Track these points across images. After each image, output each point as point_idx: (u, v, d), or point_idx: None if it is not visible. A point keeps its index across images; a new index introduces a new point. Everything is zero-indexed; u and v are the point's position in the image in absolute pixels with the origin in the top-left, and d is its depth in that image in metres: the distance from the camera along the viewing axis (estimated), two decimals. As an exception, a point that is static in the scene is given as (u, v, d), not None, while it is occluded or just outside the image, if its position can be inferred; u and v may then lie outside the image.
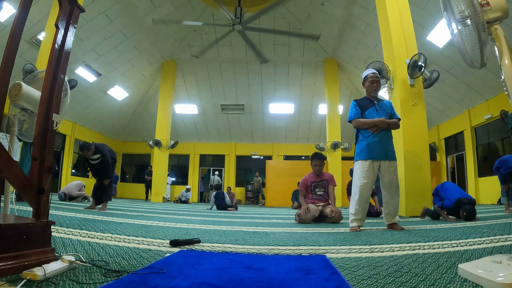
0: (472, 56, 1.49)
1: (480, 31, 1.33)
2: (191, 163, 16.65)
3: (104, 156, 5.00)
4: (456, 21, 1.48)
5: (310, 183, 4.21)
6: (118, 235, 2.09)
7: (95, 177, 5.23)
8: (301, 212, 3.78)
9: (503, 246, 1.80)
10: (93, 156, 4.96)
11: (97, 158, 4.99)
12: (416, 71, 5.31)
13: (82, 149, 4.95)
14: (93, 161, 5.00)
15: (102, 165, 5.02)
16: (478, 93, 9.79)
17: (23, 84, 1.73)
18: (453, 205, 3.78)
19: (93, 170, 5.19)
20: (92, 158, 4.96)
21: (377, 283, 1.05)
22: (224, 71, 13.72)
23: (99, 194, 5.09)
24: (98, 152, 4.99)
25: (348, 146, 12.34)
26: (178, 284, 1.01)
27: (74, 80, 7.15)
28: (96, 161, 4.99)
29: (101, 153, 5.00)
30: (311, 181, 4.21)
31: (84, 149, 4.91)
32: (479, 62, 1.42)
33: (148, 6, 10.16)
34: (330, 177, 4.23)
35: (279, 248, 1.79)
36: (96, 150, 4.97)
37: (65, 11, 1.32)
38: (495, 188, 9.04)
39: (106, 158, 5.02)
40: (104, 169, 5.02)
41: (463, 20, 1.43)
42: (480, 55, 1.38)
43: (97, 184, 5.12)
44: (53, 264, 1.06)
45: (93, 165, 5.06)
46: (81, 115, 13.48)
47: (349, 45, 11.76)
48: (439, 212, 3.99)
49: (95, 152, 4.97)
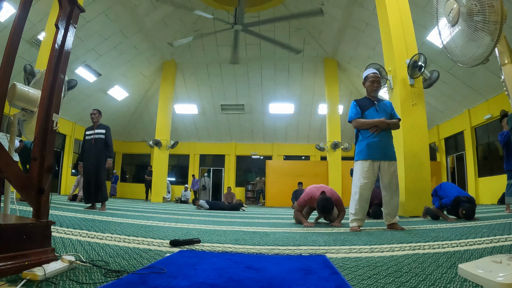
0: (468, 52, 1.49)
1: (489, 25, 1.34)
2: (191, 163, 16.65)
3: (108, 135, 4.95)
4: (462, 16, 1.47)
5: (309, 207, 3.77)
6: (118, 235, 2.09)
7: (88, 160, 4.87)
8: (306, 225, 3.44)
9: (503, 246, 1.80)
10: (97, 130, 4.93)
11: (100, 134, 4.92)
12: (416, 71, 5.31)
13: (95, 109, 5.05)
14: (93, 135, 4.89)
15: (104, 142, 4.88)
16: (478, 93, 9.79)
17: (17, 84, 1.73)
18: (452, 203, 3.77)
19: (89, 149, 4.88)
20: (95, 132, 4.90)
21: (377, 283, 1.05)
22: (224, 71, 13.72)
23: (95, 192, 4.80)
24: (104, 127, 4.98)
25: (348, 146, 12.35)
26: (178, 284, 1.01)
27: (74, 80, 7.14)
28: (97, 136, 4.89)
29: (106, 129, 4.97)
30: (312, 207, 3.71)
31: (96, 110, 5.03)
32: (482, 57, 1.42)
33: (148, 6, 10.16)
34: (338, 202, 3.54)
35: (279, 248, 1.79)
36: (102, 125, 5.00)
37: (65, 11, 1.32)
38: (495, 188, 9.06)
39: (110, 136, 4.98)
40: (105, 147, 4.87)
41: (469, 16, 1.42)
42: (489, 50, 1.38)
43: (88, 180, 4.85)
44: (53, 264, 1.06)
45: (92, 142, 4.86)
46: (81, 115, 13.47)
47: (349, 45, 11.75)
48: (438, 213, 3.98)
49: (99, 127, 4.97)
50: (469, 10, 1.43)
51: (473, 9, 1.41)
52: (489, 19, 1.35)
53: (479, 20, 1.38)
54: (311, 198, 3.48)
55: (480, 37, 1.39)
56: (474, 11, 1.41)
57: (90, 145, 4.93)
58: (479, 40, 1.40)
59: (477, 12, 1.40)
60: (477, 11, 1.39)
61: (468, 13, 1.43)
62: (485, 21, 1.36)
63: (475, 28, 1.41)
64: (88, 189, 4.87)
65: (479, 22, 1.38)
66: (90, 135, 4.97)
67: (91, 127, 5.07)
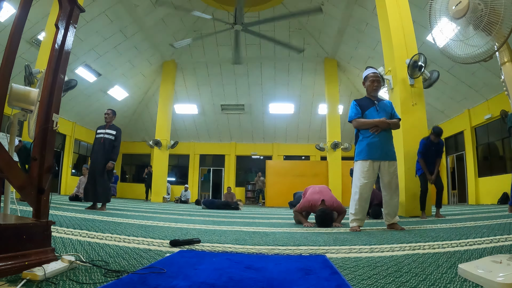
0: (470, 51, 1.49)
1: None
2: (191, 163, 16.65)
3: (117, 137, 5.02)
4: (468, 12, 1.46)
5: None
6: (118, 235, 2.09)
7: (95, 159, 4.94)
8: (306, 225, 3.46)
9: (503, 246, 1.80)
10: (108, 130, 4.99)
11: (110, 134, 4.98)
12: (416, 71, 5.31)
13: (110, 109, 5.17)
14: (103, 134, 4.95)
15: (112, 143, 4.96)
16: (478, 93, 9.79)
17: (13, 84, 1.73)
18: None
19: (98, 148, 4.93)
20: (105, 132, 4.96)
21: (377, 283, 1.05)
22: (224, 71, 13.72)
23: (96, 191, 4.80)
24: (115, 129, 5.03)
25: (348, 146, 12.34)
26: (178, 284, 1.01)
27: (74, 80, 7.14)
28: (106, 135, 4.95)
29: (117, 131, 5.03)
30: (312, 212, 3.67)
31: (110, 110, 5.13)
32: (486, 55, 1.41)
33: (148, 6, 10.16)
34: (338, 209, 3.53)
35: (279, 248, 1.79)
36: (113, 126, 5.05)
37: (65, 11, 1.32)
38: (495, 188, 9.05)
39: (119, 138, 5.05)
40: (111, 149, 4.94)
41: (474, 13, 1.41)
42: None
43: (92, 178, 4.88)
44: (53, 264, 1.06)
45: (101, 141, 4.93)
46: (81, 115, 13.48)
47: (349, 45, 11.75)
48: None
49: (111, 127, 5.02)
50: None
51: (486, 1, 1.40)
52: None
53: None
54: (311, 206, 3.49)
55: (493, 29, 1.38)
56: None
57: (99, 145, 4.96)
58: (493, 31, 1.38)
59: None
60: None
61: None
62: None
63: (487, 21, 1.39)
64: (92, 187, 4.85)
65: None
66: (100, 134, 5.00)
67: (103, 126, 5.10)
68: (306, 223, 3.40)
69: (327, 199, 3.44)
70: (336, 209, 3.49)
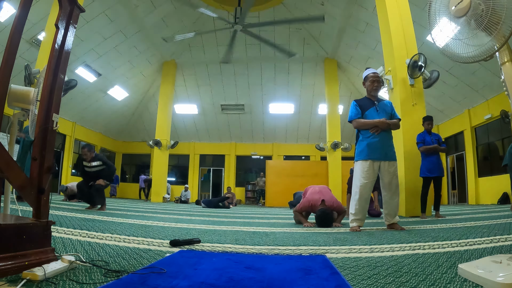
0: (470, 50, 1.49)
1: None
2: (191, 163, 16.65)
3: (106, 164, 4.94)
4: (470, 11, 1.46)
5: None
6: (118, 235, 2.09)
7: (88, 182, 4.97)
8: (306, 225, 3.47)
9: (503, 246, 1.80)
10: (91, 163, 4.88)
11: (96, 166, 4.89)
12: (416, 71, 5.31)
13: (84, 148, 4.94)
14: (89, 168, 4.90)
15: (102, 172, 4.91)
16: (478, 93, 9.79)
17: (11, 85, 1.73)
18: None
19: (88, 178, 4.94)
20: (88, 165, 4.89)
21: (377, 283, 1.05)
22: (224, 71, 13.72)
23: (95, 194, 4.84)
24: (98, 159, 4.92)
25: (348, 146, 12.34)
26: (178, 284, 1.01)
27: (74, 80, 7.14)
28: (94, 169, 4.89)
29: (101, 160, 4.93)
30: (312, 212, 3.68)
31: (85, 148, 4.89)
32: (486, 54, 1.41)
33: (148, 6, 10.16)
34: (338, 209, 3.54)
35: (279, 248, 1.79)
36: (96, 157, 4.92)
37: (65, 11, 1.32)
38: (495, 188, 9.05)
39: (108, 164, 4.97)
40: (104, 176, 4.92)
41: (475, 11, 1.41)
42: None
43: (85, 183, 4.92)
44: (53, 264, 1.06)
45: (89, 173, 4.91)
46: (81, 115, 13.48)
47: (349, 45, 11.75)
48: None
49: (94, 159, 4.89)
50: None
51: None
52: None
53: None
54: (311, 206, 3.49)
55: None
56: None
57: (90, 176, 4.94)
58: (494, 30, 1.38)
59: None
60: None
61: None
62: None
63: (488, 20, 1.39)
64: (87, 190, 4.89)
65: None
66: (86, 167, 4.94)
67: (86, 160, 5.00)
68: (306, 223, 3.40)
69: (327, 199, 3.45)
70: (336, 209, 3.50)
